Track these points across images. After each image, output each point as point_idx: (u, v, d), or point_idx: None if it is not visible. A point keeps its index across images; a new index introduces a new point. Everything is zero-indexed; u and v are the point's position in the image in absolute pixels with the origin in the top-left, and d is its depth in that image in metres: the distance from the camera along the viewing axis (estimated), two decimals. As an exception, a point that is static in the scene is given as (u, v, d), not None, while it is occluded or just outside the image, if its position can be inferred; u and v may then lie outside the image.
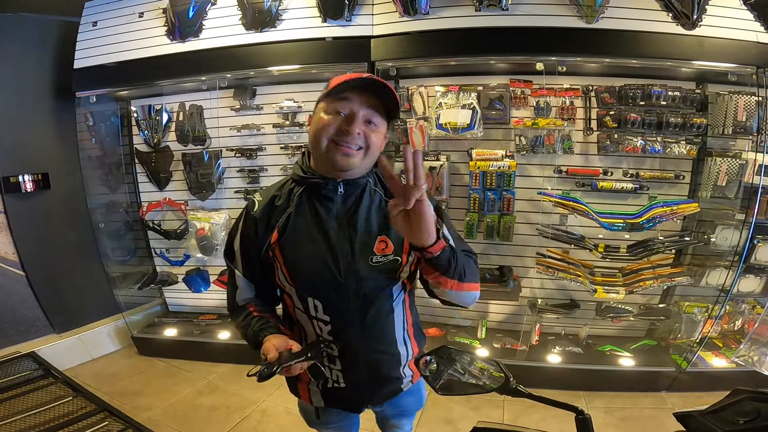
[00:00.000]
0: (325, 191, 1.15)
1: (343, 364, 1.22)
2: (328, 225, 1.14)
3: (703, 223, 2.97)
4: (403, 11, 2.71)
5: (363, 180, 1.19)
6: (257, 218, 1.18)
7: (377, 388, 1.30)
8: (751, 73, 2.60)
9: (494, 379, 0.99)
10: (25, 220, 3.28)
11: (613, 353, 3.05)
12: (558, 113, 2.90)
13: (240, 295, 1.25)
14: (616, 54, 2.64)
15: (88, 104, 3.39)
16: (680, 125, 2.79)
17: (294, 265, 1.15)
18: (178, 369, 3.40)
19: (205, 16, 3.01)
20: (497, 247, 3.14)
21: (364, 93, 1.08)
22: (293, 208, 1.16)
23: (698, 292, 3.02)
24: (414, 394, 1.43)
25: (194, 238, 3.37)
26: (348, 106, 1.08)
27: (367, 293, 1.16)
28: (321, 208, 1.15)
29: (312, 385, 1.29)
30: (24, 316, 3.32)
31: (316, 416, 1.37)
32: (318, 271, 1.13)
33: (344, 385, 1.25)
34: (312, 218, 1.15)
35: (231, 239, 1.24)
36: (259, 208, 1.18)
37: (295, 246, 1.15)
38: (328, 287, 1.14)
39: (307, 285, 1.16)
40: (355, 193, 1.18)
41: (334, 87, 1.08)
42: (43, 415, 2.46)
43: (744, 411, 0.76)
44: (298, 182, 1.19)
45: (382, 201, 1.21)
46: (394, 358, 1.28)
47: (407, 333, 1.30)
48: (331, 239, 1.13)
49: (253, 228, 1.18)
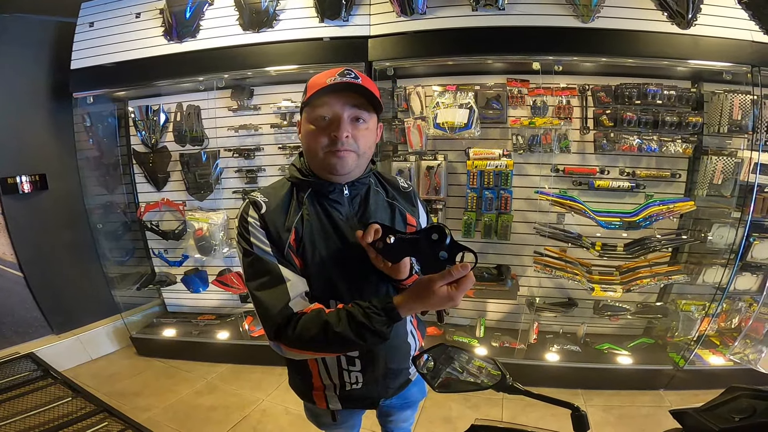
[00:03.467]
0: (333, 195, 1.16)
1: (363, 364, 1.23)
2: (342, 227, 1.15)
3: (700, 222, 2.98)
4: (400, 11, 2.71)
5: (366, 180, 1.21)
6: (268, 219, 1.10)
7: (391, 381, 1.32)
8: (746, 72, 2.61)
9: (492, 377, 0.99)
10: (23, 221, 3.28)
11: (611, 351, 3.07)
12: (555, 112, 2.90)
13: (294, 290, 1.06)
14: (612, 53, 2.65)
15: (86, 105, 3.38)
16: (676, 124, 2.80)
17: (314, 266, 1.13)
18: (177, 369, 3.40)
19: (202, 17, 3.01)
20: (495, 246, 3.14)
21: (343, 92, 1.08)
22: (305, 212, 1.14)
23: (695, 290, 3.03)
24: (418, 384, 1.46)
25: (192, 239, 3.36)
26: (330, 110, 1.08)
27: (385, 290, 1.19)
28: (332, 210, 1.16)
29: (328, 390, 1.27)
30: (22, 317, 3.32)
31: (332, 419, 1.36)
32: (339, 272, 1.14)
33: (361, 384, 1.25)
34: (327, 221, 1.15)
35: (247, 236, 1.09)
36: (269, 209, 1.12)
37: (313, 248, 1.12)
38: (350, 288, 1.15)
39: (328, 286, 1.14)
40: (360, 193, 1.21)
41: (312, 95, 1.07)
42: (43, 416, 2.46)
43: (740, 408, 0.77)
44: (299, 185, 1.17)
45: (384, 200, 1.26)
46: (405, 350, 1.31)
47: (413, 324, 1.34)
48: (348, 240, 1.14)
49: (266, 227, 1.10)
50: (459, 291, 0.95)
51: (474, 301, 3.34)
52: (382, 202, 1.25)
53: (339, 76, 1.07)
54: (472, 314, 3.45)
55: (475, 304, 3.40)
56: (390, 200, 1.27)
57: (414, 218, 1.30)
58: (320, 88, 1.07)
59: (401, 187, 1.33)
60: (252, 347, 3.37)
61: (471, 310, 3.44)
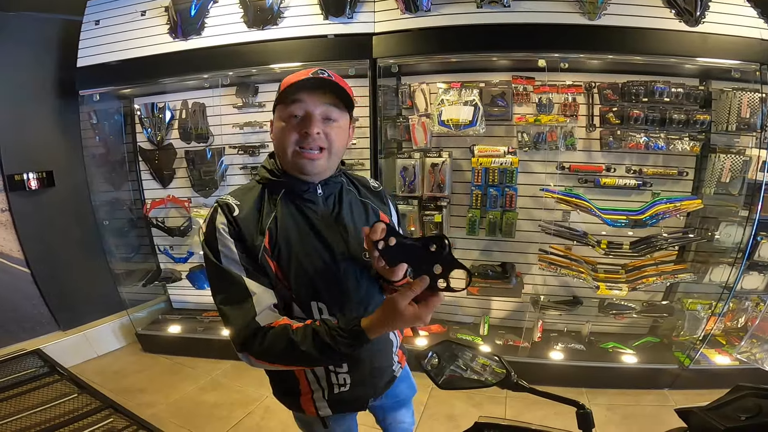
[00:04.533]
0: (307, 194, 1.15)
1: (350, 365, 1.22)
2: (318, 226, 1.13)
3: (707, 220, 2.96)
4: (404, 8, 2.71)
5: (338, 179, 1.21)
6: (240, 221, 1.06)
7: (378, 380, 1.31)
8: (755, 70, 2.58)
9: (496, 375, 0.99)
10: (30, 217, 3.30)
11: (616, 350, 3.05)
12: (560, 110, 2.89)
13: (259, 304, 1.03)
14: (619, 51, 2.63)
15: (92, 102, 3.40)
16: (683, 122, 2.77)
17: (292, 268, 1.10)
18: (182, 366, 3.42)
19: (207, 14, 3.01)
20: (499, 243, 3.13)
21: (316, 91, 1.07)
22: (279, 213, 1.11)
23: (701, 289, 3.01)
24: (405, 380, 1.47)
25: (197, 235, 3.38)
26: (302, 107, 1.07)
27: (366, 288, 1.18)
28: (306, 210, 1.14)
29: (316, 394, 1.24)
30: (29, 314, 3.34)
31: (323, 426, 1.32)
32: (319, 271, 1.11)
33: (349, 386, 1.24)
34: (302, 221, 1.13)
35: (214, 244, 1.05)
36: (243, 211, 1.08)
37: (290, 250, 1.10)
38: (331, 287, 1.13)
39: (309, 288, 1.12)
40: (334, 192, 1.20)
41: (283, 90, 1.07)
42: (49, 412, 2.47)
43: (745, 407, 0.76)
44: (270, 186, 1.15)
45: (357, 199, 1.25)
46: (388, 347, 1.32)
47: None
48: (326, 239, 1.13)
49: (239, 230, 1.06)
50: (426, 310, 0.91)
51: (478, 298, 3.34)
52: (356, 200, 1.25)
53: (312, 75, 1.07)
54: (476, 312, 3.44)
55: (479, 301, 3.39)
56: (363, 199, 1.27)
57: (387, 216, 1.29)
58: (294, 82, 1.07)
59: (372, 187, 1.33)
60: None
61: (475, 308, 3.44)
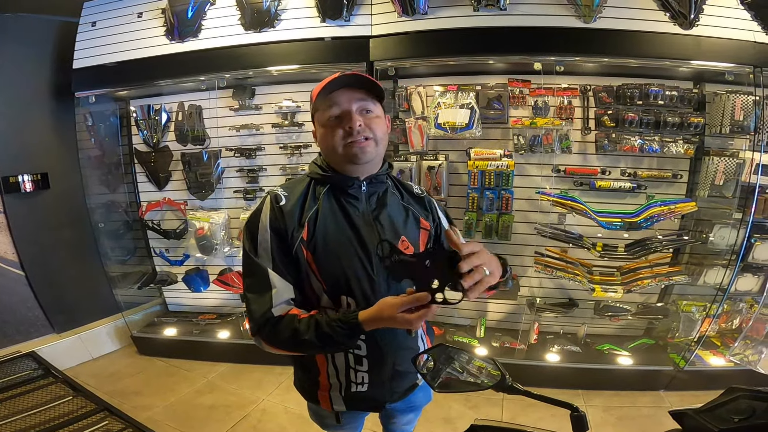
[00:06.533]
0: (351, 189, 1.19)
1: (370, 364, 1.23)
2: (357, 222, 1.17)
3: (701, 222, 2.98)
4: (401, 11, 2.72)
5: (383, 178, 1.25)
6: (285, 212, 1.14)
7: (397, 385, 1.31)
8: (749, 73, 2.61)
9: (492, 377, 0.99)
10: (25, 220, 3.29)
11: (612, 352, 3.06)
12: (556, 113, 2.90)
13: (278, 297, 1.11)
14: (614, 54, 2.65)
15: (88, 104, 3.39)
16: (678, 125, 2.79)
17: (327, 262, 1.14)
18: (178, 368, 3.40)
19: (204, 16, 3.02)
20: (496, 246, 3.13)
21: (346, 90, 1.14)
22: (320, 206, 1.16)
23: (696, 290, 3.02)
24: (425, 389, 1.46)
25: (193, 238, 3.37)
26: (338, 107, 1.14)
27: (395, 288, 1.18)
28: (348, 206, 1.18)
29: (334, 390, 1.27)
30: (24, 316, 3.32)
31: (336, 420, 1.36)
32: (352, 267, 1.15)
33: (367, 386, 1.25)
34: (341, 216, 1.17)
35: (254, 232, 1.14)
36: (289, 203, 1.15)
37: (326, 244, 1.14)
38: (363, 284, 1.15)
39: (340, 283, 1.15)
40: (377, 191, 1.24)
41: (317, 97, 1.14)
42: (43, 415, 2.46)
43: (739, 409, 0.76)
44: (319, 181, 1.21)
45: (399, 203, 1.29)
46: (413, 354, 1.30)
47: (422, 328, 1.34)
48: (363, 236, 1.16)
49: (282, 221, 1.13)
50: (417, 319, 0.97)
51: (474, 301, 3.34)
52: (398, 204, 1.28)
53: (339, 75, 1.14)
54: (472, 314, 3.44)
55: (475, 304, 3.40)
56: (405, 204, 1.30)
57: (428, 222, 1.32)
58: (323, 87, 1.13)
59: (415, 193, 1.36)
60: (252, 347, 3.28)
61: (471, 310, 3.44)
